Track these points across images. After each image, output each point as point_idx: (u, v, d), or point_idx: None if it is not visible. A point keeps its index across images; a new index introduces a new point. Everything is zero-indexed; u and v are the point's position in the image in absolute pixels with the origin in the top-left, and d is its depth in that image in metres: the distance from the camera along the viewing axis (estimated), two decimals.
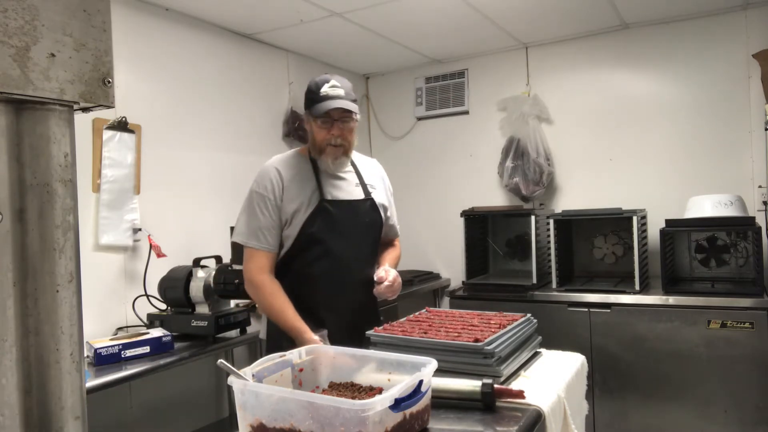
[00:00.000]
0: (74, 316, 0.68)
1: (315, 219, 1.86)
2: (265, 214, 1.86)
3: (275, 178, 1.88)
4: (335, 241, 1.88)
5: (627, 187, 3.50)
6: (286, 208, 1.86)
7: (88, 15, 0.69)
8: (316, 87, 1.87)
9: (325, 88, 1.85)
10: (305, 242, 1.86)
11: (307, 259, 1.87)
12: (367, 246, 1.99)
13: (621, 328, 2.93)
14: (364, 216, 1.97)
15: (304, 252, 1.87)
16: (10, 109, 0.63)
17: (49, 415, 0.65)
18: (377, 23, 3.24)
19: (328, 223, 1.87)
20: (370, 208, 2.00)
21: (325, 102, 1.83)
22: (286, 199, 1.87)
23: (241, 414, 1.17)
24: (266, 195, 1.87)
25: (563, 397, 1.52)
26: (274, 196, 1.86)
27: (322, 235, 1.86)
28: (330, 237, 1.87)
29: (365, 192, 2.00)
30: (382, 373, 1.34)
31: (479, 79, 3.99)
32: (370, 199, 2.00)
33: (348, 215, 1.92)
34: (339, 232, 1.89)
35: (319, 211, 1.86)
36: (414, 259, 4.20)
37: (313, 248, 1.87)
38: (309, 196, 1.88)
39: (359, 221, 1.95)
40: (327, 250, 1.87)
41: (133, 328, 2.51)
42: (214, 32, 3.17)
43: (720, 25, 3.26)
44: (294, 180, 1.90)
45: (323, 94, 1.84)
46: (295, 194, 1.87)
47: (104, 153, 2.53)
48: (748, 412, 2.67)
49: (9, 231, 0.63)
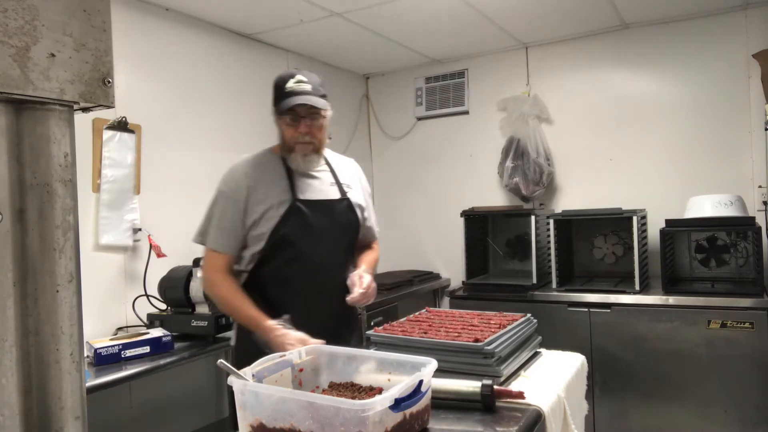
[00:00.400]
0: (74, 316, 0.68)
1: (287, 220, 1.77)
2: (225, 215, 1.79)
3: (242, 178, 1.81)
4: (309, 243, 1.79)
5: (627, 187, 3.50)
6: (255, 208, 1.78)
7: (88, 15, 0.69)
8: (281, 82, 1.80)
9: (291, 84, 1.78)
10: (277, 244, 1.78)
11: (279, 262, 1.78)
12: (342, 248, 1.90)
13: (621, 328, 2.93)
14: (339, 217, 1.88)
15: (276, 254, 1.79)
16: (10, 109, 0.63)
17: (49, 415, 0.65)
18: (377, 23, 3.24)
19: (301, 224, 1.79)
20: (347, 209, 1.91)
21: (290, 98, 1.76)
22: (254, 200, 1.78)
23: (241, 414, 1.17)
24: (229, 195, 1.80)
25: (563, 397, 1.52)
26: (238, 196, 1.78)
27: (294, 237, 1.78)
28: (303, 239, 1.79)
29: (341, 191, 1.91)
30: (382, 373, 1.34)
31: (479, 79, 3.99)
32: (346, 198, 1.91)
33: (322, 216, 1.83)
34: (313, 234, 1.80)
35: (291, 212, 1.78)
36: (414, 259, 4.20)
37: (285, 250, 1.78)
38: (280, 195, 1.80)
39: (334, 222, 1.87)
40: (300, 253, 1.78)
41: (133, 328, 2.51)
42: (214, 32, 3.17)
43: (720, 25, 3.26)
44: (264, 179, 1.81)
45: (288, 90, 1.77)
46: (265, 194, 1.79)
47: (104, 153, 2.53)
48: (748, 412, 2.67)
49: (9, 231, 0.63)
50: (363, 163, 4.74)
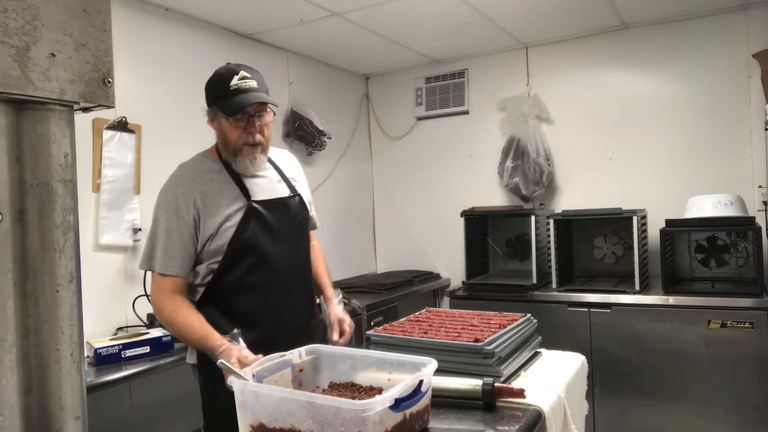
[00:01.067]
0: (74, 316, 0.68)
1: (247, 224, 1.68)
2: (171, 233, 1.65)
3: (184, 192, 1.67)
4: (271, 245, 1.72)
5: (627, 187, 3.50)
6: (208, 222, 1.66)
7: (88, 15, 0.69)
8: (222, 80, 1.67)
9: (235, 81, 1.65)
10: (239, 250, 1.68)
11: (243, 268, 1.68)
12: (302, 245, 1.85)
13: (621, 328, 2.93)
14: (295, 214, 1.82)
15: (239, 261, 1.69)
16: (10, 109, 0.63)
17: (49, 415, 0.65)
18: (377, 23, 3.24)
19: (261, 226, 1.70)
20: (299, 205, 1.85)
21: (238, 97, 1.64)
22: (206, 213, 1.66)
23: (241, 414, 1.17)
24: (173, 211, 1.66)
25: (563, 397, 1.52)
26: (184, 212, 1.65)
27: (256, 240, 1.69)
28: (265, 241, 1.71)
29: (290, 188, 1.84)
30: (382, 373, 1.34)
31: (479, 79, 3.99)
32: (297, 194, 1.85)
33: (279, 215, 1.76)
34: (274, 235, 1.73)
35: (249, 215, 1.69)
36: (414, 259, 4.20)
37: (248, 256, 1.69)
38: (233, 202, 1.69)
39: (291, 220, 1.80)
40: (264, 255, 1.70)
41: (133, 328, 2.51)
42: (214, 32, 3.17)
43: (720, 25, 3.26)
44: (212, 190, 1.69)
45: (234, 88, 1.64)
46: (216, 205, 1.68)
47: (104, 153, 2.53)
48: (748, 412, 2.67)
49: (9, 231, 0.63)
50: (363, 163, 4.76)
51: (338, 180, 4.04)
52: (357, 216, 4.29)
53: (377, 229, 4.43)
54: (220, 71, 1.72)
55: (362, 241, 4.35)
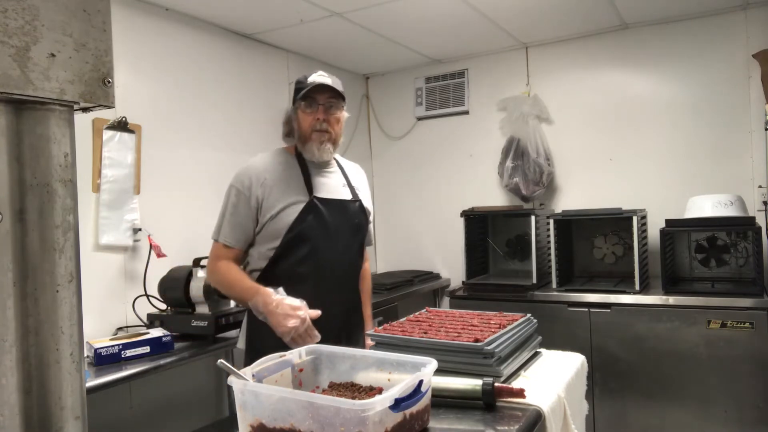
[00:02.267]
0: (74, 316, 0.68)
1: (304, 217, 1.80)
2: (237, 209, 1.82)
3: (256, 175, 1.83)
4: (324, 241, 1.82)
5: (627, 187, 3.50)
6: (271, 205, 1.80)
7: (88, 15, 0.69)
8: (304, 78, 1.87)
9: (313, 77, 1.85)
10: (293, 240, 1.80)
11: (293, 259, 1.81)
12: (355, 247, 1.95)
13: (621, 328, 2.93)
14: (352, 217, 1.92)
15: (292, 251, 1.81)
16: (10, 109, 0.63)
17: (49, 415, 0.65)
18: (377, 23, 3.24)
19: (318, 221, 1.82)
20: (359, 210, 1.95)
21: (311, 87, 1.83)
22: (269, 197, 1.81)
23: (241, 414, 1.17)
24: (242, 191, 1.82)
25: (563, 397, 1.52)
26: (250, 193, 1.81)
27: (310, 233, 1.80)
28: (319, 235, 1.82)
29: (353, 193, 1.96)
30: (382, 373, 1.34)
31: (479, 79, 3.99)
32: (358, 200, 1.96)
33: (337, 214, 1.87)
34: (328, 232, 1.83)
35: (308, 209, 1.81)
36: (414, 259, 4.20)
37: (301, 247, 1.80)
38: (297, 193, 1.83)
39: (348, 222, 1.90)
40: (315, 250, 1.81)
41: (133, 328, 2.51)
42: (214, 32, 3.17)
43: (720, 25, 3.26)
44: (281, 177, 1.84)
45: (310, 82, 1.84)
46: (282, 192, 1.82)
47: (104, 153, 2.53)
48: (748, 412, 2.67)
49: (9, 231, 0.63)
50: (363, 163, 4.74)
51: None
52: None
53: (377, 229, 4.43)
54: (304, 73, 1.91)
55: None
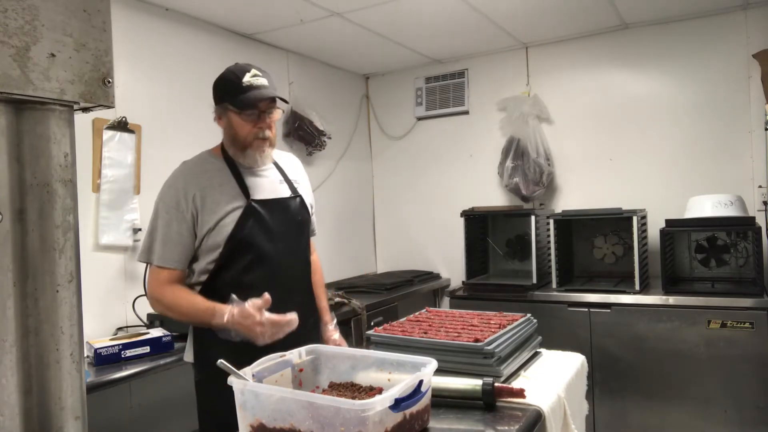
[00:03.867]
0: (74, 316, 0.68)
1: (244, 222, 1.70)
2: (171, 227, 1.68)
3: (185, 187, 1.70)
4: (268, 244, 1.73)
5: (627, 187, 3.50)
6: (207, 217, 1.69)
7: (88, 15, 0.69)
8: (235, 77, 1.71)
9: (248, 78, 1.70)
10: (236, 248, 1.70)
11: (239, 267, 1.71)
12: (301, 246, 1.87)
13: (621, 328, 2.93)
14: (295, 215, 1.84)
15: (235, 260, 1.71)
16: (10, 109, 0.63)
17: (49, 415, 0.65)
18: (377, 23, 3.24)
19: (260, 225, 1.72)
20: (300, 206, 1.86)
21: (251, 92, 1.69)
22: (205, 209, 1.69)
23: (241, 414, 1.17)
24: (173, 206, 1.69)
25: (563, 397, 1.52)
26: (184, 207, 1.68)
27: (253, 239, 1.71)
28: (262, 240, 1.72)
29: (291, 189, 1.86)
30: (382, 373, 1.34)
31: (479, 79, 3.99)
32: (298, 196, 1.87)
33: (278, 215, 1.78)
34: (271, 235, 1.74)
35: (247, 214, 1.71)
36: (414, 259, 4.20)
37: (245, 254, 1.71)
38: (233, 199, 1.72)
39: (291, 221, 1.82)
40: (261, 255, 1.72)
41: (133, 328, 2.51)
42: (214, 32, 3.17)
43: (720, 25, 3.26)
44: (211, 185, 1.72)
45: (247, 84, 1.69)
46: (217, 202, 1.70)
47: (104, 153, 2.53)
48: (748, 412, 2.67)
49: (9, 231, 0.63)
50: (363, 163, 4.75)
51: (338, 180, 4.04)
52: (357, 216, 4.29)
53: (377, 229, 4.43)
54: (232, 69, 1.75)
55: (362, 241, 4.35)
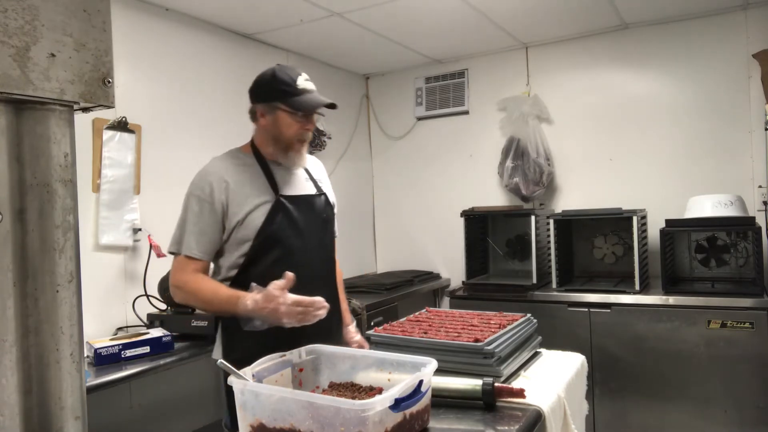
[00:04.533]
0: (74, 316, 0.68)
1: (273, 218, 1.73)
2: (201, 219, 1.71)
3: (217, 181, 1.73)
4: (296, 240, 1.77)
5: (627, 187, 3.50)
6: (236, 210, 1.72)
7: (88, 15, 0.69)
8: (290, 79, 1.75)
9: (301, 82, 1.75)
10: (264, 243, 1.73)
11: (267, 262, 1.73)
12: (326, 242, 1.90)
13: (621, 328, 2.93)
14: (320, 212, 1.87)
15: (264, 254, 1.74)
16: (10, 109, 0.63)
17: (49, 415, 0.65)
18: (377, 23, 3.24)
19: (288, 220, 1.76)
20: (324, 204, 1.90)
21: (307, 96, 1.74)
22: (234, 202, 1.72)
23: (241, 414, 1.17)
24: (204, 198, 1.72)
25: (563, 397, 1.52)
26: (213, 199, 1.71)
27: (282, 234, 1.74)
28: (290, 235, 1.76)
29: (316, 187, 1.91)
30: (382, 373, 1.34)
31: (479, 79, 3.99)
32: (323, 194, 1.91)
33: (305, 211, 1.81)
34: (299, 230, 1.78)
35: (276, 209, 1.74)
36: (414, 259, 4.20)
37: (273, 249, 1.74)
38: (262, 193, 1.75)
39: (316, 217, 1.85)
40: (289, 250, 1.75)
41: (133, 328, 2.51)
42: (214, 32, 3.17)
43: (720, 25, 3.26)
44: (242, 180, 1.76)
45: (302, 88, 1.75)
46: (246, 195, 1.74)
47: (104, 153, 2.53)
48: (748, 412, 2.67)
49: (9, 231, 0.63)
50: (363, 163, 4.75)
51: (338, 180, 4.03)
52: (357, 216, 4.29)
53: (377, 229, 4.43)
54: (283, 70, 1.77)
55: (362, 241, 4.35)
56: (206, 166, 1.80)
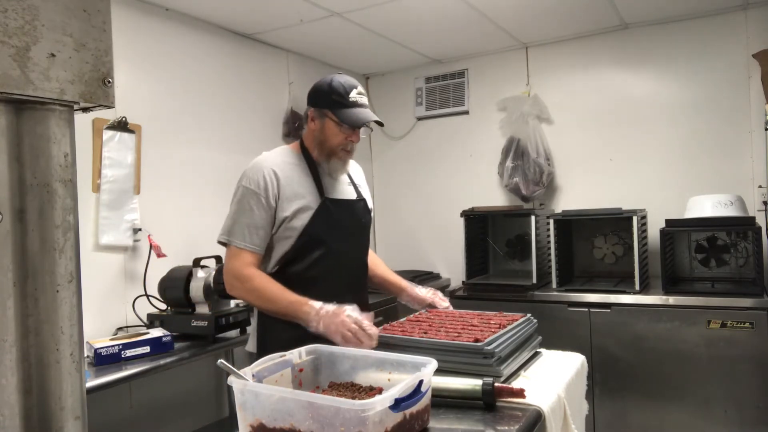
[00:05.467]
0: (74, 316, 0.68)
1: (317, 218, 1.79)
2: (255, 212, 1.76)
3: (269, 175, 1.78)
4: (337, 242, 1.83)
5: (627, 187, 3.50)
6: (285, 206, 1.77)
7: (88, 15, 0.69)
8: (344, 90, 1.79)
9: (354, 95, 1.80)
10: (307, 243, 1.79)
11: (308, 261, 1.79)
12: (364, 247, 1.97)
13: (621, 328, 2.93)
14: (360, 216, 1.94)
15: (305, 253, 1.80)
16: (10, 109, 0.63)
17: (49, 415, 0.65)
18: (377, 23, 3.24)
19: (330, 223, 1.81)
20: (364, 209, 1.97)
21: (356, 110, 1.79)
22: (284, 198, 1.77)
23: (241, 414, 1.17)
24: (258, 192, 1.77)
25: (563, 397, 1.52)
26: (267, 194, 1.76)
27: (324, 236, 1.80)
28: (332, 237, 1.82)
29: (357, 192, 1.97)
30: (382, 373, 1.34)
31: (479, 79, 3.99)
32: (363, 199, 1.98)
33: (347, 215, 1.88)
34: (340, 233, 1.84)
35: (321, 211, 1.80)
36: (414, 259, 4.20)
37: (314, 249, 1.80)
38: (309, 194, 1.81)
39: (356, 221, 1.92)
40: (329, 251, 1.81)
41: (133, 328, 2.51)
42: (214, 32, 3.17)
43: (720, 25, 3.26)
44: (292, 178, 1.81)
45: (353, 101, 1.79)
46: (295, 193, 1.79)
47: (104, 153, 2.53)
48: (748, 412, 2.67)
49: (9, 231, 0.63)
50: (363, 163, 4.75)
51: None
52: None
53: (377, 229, 4.43)
54: (339, 80, 1.82)
55: None
56: (259, 160, 1.84)
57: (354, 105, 1.79)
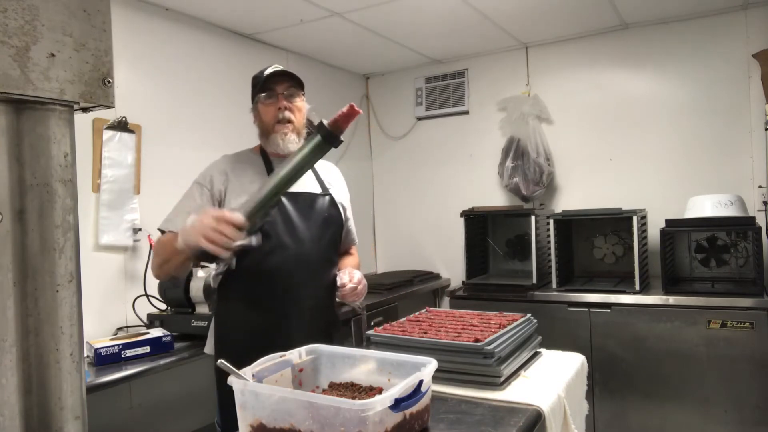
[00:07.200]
0: (74, 316, 0.68)
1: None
2: (197, 200, 1.75)
3: (219, 171, 1.80)
4: (289, 235, 1.76)
5: (627, 187, 3.50)
6: (231, 200, 1.74)
7: (88, 15, 0.69)
8: (260, 72, 1.85)
9: (269, 70, 1.83)
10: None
11: (259, 254, 1.72)
12: (325, 242, 1.86)
13: (621, 328, 2.93)
14: (322, 211, 1.86)
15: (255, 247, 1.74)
16: (10, 109, 0.63)
17: (49, 415, 0.65)
18: (377, 23, 3.24)
19: (282, 215, 1.76)
20: (329, 204, 1.89)
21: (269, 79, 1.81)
22: (231, 192, 1.76)
23: (241, 414, 1.17)
24: (203, 184, 1.79)
25: (563, 397, 1.52)
26: (212, 186, 1.77)
27: (273, 228, 1.74)
28: (283, 230, 1.76)
29: (322, 187, 1.91)
30: (382, 373, 1.33)
31: (479, 79, 3.99)
32: (328, 194, 1.91)
33: (303, 208, 1.81)
34: (293, 226, 1.78)
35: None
36: (414, 259, 4.20)
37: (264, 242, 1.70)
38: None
39: (316, 215, 1.84)
40: (280, 244, 1.74)
41: (133, 328, 2.51)
42: (214, 32, 3.17)
43: (720, 25, 3.26)
44: (244, 173, 1.81)
45: (268, 74, 1.81)
46: (244, 188, 1.75)
47: (104, 153, 2.53)
48: (748, 412, 2.67)
49: (9, 231, 0.63)
50: (363, 163, 4.75)
51: None
52: (357, 216, 4.26)
53: (377, 229, 4.43)
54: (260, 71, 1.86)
55: (362, 241, 4.32)
56: (215, 161, 1.87)
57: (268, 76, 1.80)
